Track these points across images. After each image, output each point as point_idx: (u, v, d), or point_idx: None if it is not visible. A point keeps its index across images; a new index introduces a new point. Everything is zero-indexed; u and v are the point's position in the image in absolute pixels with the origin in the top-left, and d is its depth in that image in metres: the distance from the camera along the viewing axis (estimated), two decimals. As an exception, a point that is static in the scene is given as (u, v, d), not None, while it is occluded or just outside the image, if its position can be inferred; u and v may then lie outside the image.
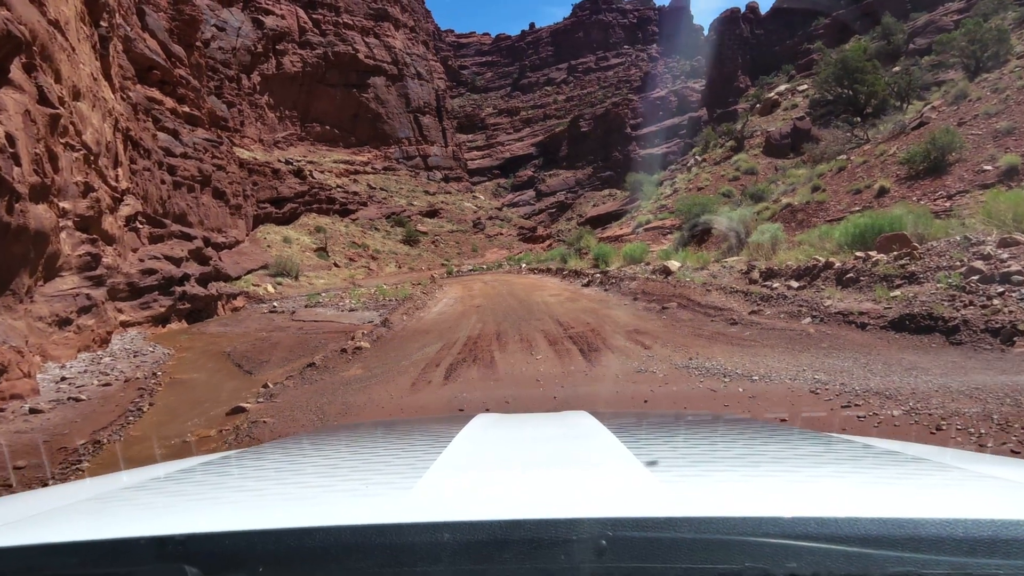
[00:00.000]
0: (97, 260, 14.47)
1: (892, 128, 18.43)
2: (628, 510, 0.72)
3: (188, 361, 11.20)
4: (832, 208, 14.64)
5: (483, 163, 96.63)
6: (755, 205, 18.77)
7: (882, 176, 15.16)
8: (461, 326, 10.97)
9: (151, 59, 30.36)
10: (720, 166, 31.81)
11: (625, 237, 26.16)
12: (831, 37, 57.39)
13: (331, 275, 46.00)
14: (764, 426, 1.68)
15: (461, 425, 1.51)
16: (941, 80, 36.48)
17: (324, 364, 8.06)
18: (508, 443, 1.44)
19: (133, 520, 0.83)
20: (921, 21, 45.20)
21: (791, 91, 40.63)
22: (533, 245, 64.57)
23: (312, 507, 0.83)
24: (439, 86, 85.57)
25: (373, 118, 72.73)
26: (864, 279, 7.79)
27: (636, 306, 10.85)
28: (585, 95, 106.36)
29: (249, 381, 8.16)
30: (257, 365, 9.47)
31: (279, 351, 10.85)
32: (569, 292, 15.50)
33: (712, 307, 8.92)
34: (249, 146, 58.94)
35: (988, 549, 0.61)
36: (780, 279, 9.73)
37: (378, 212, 61.58)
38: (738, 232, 15.26)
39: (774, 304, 8.21)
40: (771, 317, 7.60)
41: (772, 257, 12.22)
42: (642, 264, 16.77)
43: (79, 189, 13.95)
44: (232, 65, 58.58)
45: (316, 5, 68.31)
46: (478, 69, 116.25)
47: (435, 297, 19.52)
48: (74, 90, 14.37)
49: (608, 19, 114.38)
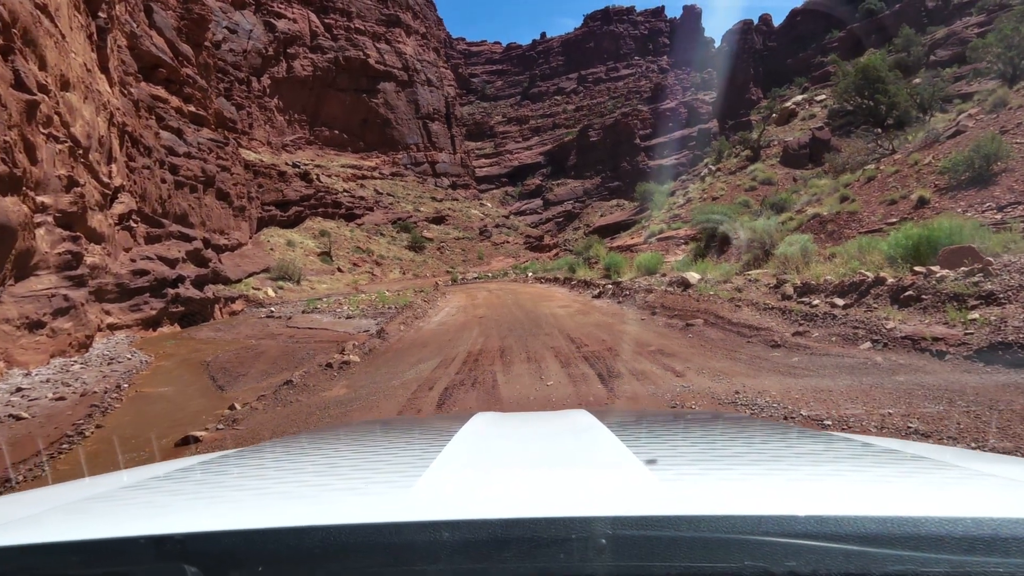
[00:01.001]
0: (78, 259, 13.61)
1: (924, 137, 17.38)
2: (628, 509, 0.72)
3: (163, 371, 10.26)
4: (866, 219, 13.58)
5: (491, 171, 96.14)
6: (777, 215, 17.73)
7: (919, 186, 14.10)
8: (462, 339, 9.97)
9: (157, 57, 29.84)
10: (736, 175, 30.80)
11: (637, 247, 25.15)
12: (845, 50, 56.58)
13: (334, 280, 45.20)
14: (764, 425, 1.68)
15: (461, 423, 1.51)
16: (965, 92, 35.46)
17: (303, 382, 7.07)
18: (508, 442, 1.44)
19: (132, 519, 0.83)
20: (941, 33, 44.21)
21: (808, 101, 39.67)
22: (540, 254, 63.75)
23: (312, 506, 0.83)
24: (449, 93, 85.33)
25: (382, 123, 72.41)
26: (927, 298, 6.73)
27: (656, 322, 9.81)
28: (595, 105, 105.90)
29: (219, 399, 7.19)
30: (233, 379, 8.51)
31: (262, 362, 9.89)
32: (579, 304, 14.48)
33: (746, 326, 7.87)
34: (257, 148, 58.60)
35: (988, 547, 0.61)
36: (820, 295, 8.68)
37: (384, 217, 60.94)
38: (763, 243, 14.22)
39: (821, 324, 7.16)
40: (820, 340, 6.54)
41: (804, 270, 11.17)
42: (657, 275, 15.73)
43: (62, 183, 13.13)
44: (242, 67, 58.43)
45: (328, 10, 68.28)
46: (488, 77, 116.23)
47: (437, 306, 18.55)
48: (62, 79, 13.61)
49: (619, 30, 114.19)
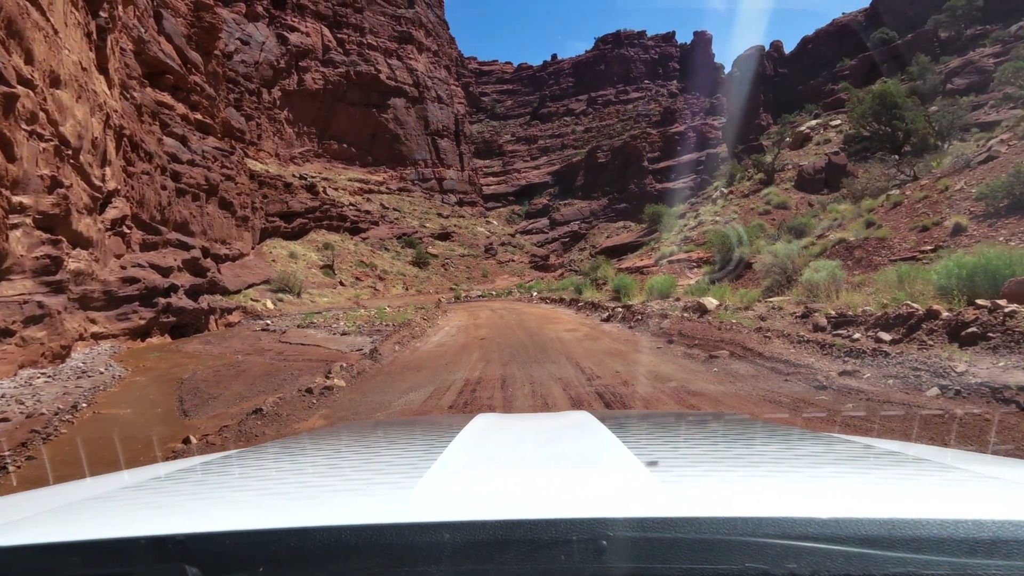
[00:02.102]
0: (58, 264, 12.87)
1: (953, 162, 16.60)
2: (628, 510, 0.72)
3: (133, 388, 9.40)
4: (896, 246, 12.71)
5: (498, 189, 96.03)
6: (797, 240, 16.89)
7: (953, 212, 13.26)
8: (460, 364, 9.08)
9: (165, 63, 29.62)
10: (749, 199, 30.05)
11: (647, 269, 24.30)
12: (857, 78, 56.52)
13: (336, 294, 44.45)
14: (765, 426, 1.67)
15: (462, 425, 1.50)
16: (983, 121, 34.82)
17: (276, 410, 6.18)
18: (509, 443, 1.43)
19: (133, 520, 0.82)
20: (958, 62, 43.84)
21: (823, 126, 39.12)
22: (545, 273, 63.02)
23: (313, 507, 0.83)
24: (459, 110, 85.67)
25: (391, 139, 72.46)
26: (996, 336, 5.82)
27: (673, 351, 8.90)
28: (603, 127, 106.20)
29: (179, 427, 6.30)
30: (203, 402, 7.62)
31: (240, 382, 9.01)
32: (588, 328, 13.58)
33: (780, 360, 6.95)
34: (265, 160, 58.52)
35: (989, 550, 0.61)
36: (859, 328, 7.76)
37: (389, 232, 60.46)
38: (785, 268, 13.35)
39: (870, 363, 6.23)
40: (875, 383, 5.62)
41: (833, 299, 10.28)
42: (671, 299, 14.85)
43: (44, 183, 12.45)
44: (254, 79, 58.69)
45: (341, 25, 68.92)
46: (498, 96, 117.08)
47: (436, 324, 17.68)
48: (52, 75, 13.04)
49: (630, 54, 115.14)
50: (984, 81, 40.75)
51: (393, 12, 77.65)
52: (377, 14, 75.16)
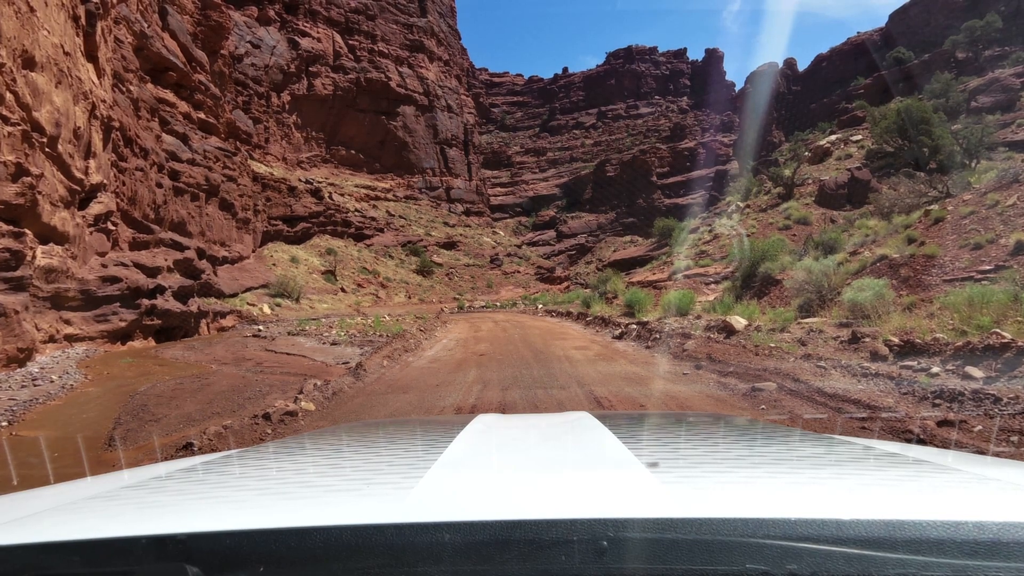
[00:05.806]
0: (19, 259, 11.74)
1: (999, 177, 15.30)
2: (629, 511, 0.72)
3: (76, 403, 8.15)
4: (948, 264, 11.38)
5: (506, 200, 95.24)
6: (825, 256, 15.56)
7: (1009, 229, 11.92)
8: (453, 386, 7.79)
9: (168, 60, 28.84)
10: (767, 213, 28.77)
11: (660, 283, 22.98)
12: (872, 97, 55.44)
13: (336, 300, 43.26)
14: (765, 428, 1.66)
15: (463, 425, 1.49)
16: (1010, 140, 33.53)
17: (213, 445, 4.90)
18: (510, 443, 1.43)
19: (134, 519, 0.82)
20: (982, 80, 42.64)
21: (843, 141, 37.90)
22: (550, 286, 61.71)
23: (313, 507, 0.83)
24: (468, 120, 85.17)
25: (399, 146, 71.87)
26: None
27: (703, 378, 7.57)
28: (613, 141, 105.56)
29: (93, 462, 5.03)
30: (140, 425, 6.35)
31: (196, 400, 7.74)
32: (599, 346, 12.26)
33: (847, 400, 5.62)
34: (272, 163, 57.89)
35: (989, 551, 0.61)
36: (932, 359, 6.43)
37: (394, 239, 59.47)
38: (819, 286, 12.02)
39: (971, 408, 4.90)
40: (989, 438, 4.28)
41: (884, 322, 8.94)
42: (690, 316, 13.53)
43: (7, 171, 11.37)
44: (263, 82, 58.30)
45: (353, 31, 68.71)
46: (508, 108, 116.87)
47: (434, 336, 16.40)
48: (25, 55, 12.02)
49: (641, 69, 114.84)
50: (1010, 100, 39.54)
51: (405, 21, 77.55)
52: (389, 22, 75.05)
